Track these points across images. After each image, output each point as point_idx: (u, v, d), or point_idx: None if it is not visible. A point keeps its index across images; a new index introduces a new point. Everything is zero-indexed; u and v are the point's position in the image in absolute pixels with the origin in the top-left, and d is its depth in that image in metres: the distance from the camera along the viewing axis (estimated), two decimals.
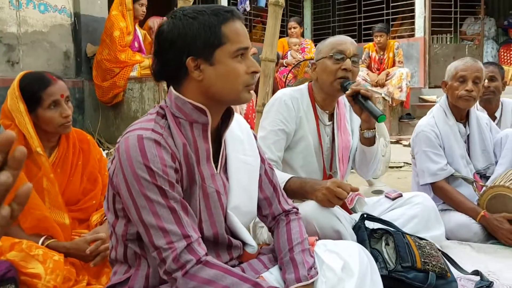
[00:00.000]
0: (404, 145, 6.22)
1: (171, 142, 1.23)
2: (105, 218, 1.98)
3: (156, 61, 1.29)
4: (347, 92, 1.94)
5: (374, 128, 2.03)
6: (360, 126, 2.04)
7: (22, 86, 1.82)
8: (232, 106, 1.38)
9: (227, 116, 1.37)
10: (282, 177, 1.89)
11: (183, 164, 1.24)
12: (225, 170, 1.38)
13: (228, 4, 8.16)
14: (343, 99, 2.21)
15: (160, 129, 1.22)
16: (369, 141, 2.04)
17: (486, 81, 3.06)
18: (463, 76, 2.58)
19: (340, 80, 2.00)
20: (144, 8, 5.44)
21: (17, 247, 1.64)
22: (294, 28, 7.13)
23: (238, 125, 1.45)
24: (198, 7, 1.28)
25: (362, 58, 7.24)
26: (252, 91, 1.35)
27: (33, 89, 1.81)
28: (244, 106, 4.72)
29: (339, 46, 2.02)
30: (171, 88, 1.31)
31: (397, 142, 6.48)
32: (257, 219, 2.02)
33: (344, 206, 2.05)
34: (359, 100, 1.90)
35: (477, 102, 3.22)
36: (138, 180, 1.16)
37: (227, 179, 1.36)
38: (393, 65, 7.06)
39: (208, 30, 1.23)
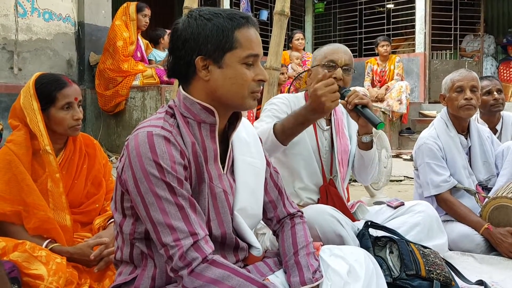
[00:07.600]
0: (405, 159, 6.22)
1: (180, 140, 1.23)
2: (108, 222, 1.98)
3: (170, 58, 1.31)
4: (343, 101, 1.92)
5: (372, 133, 2.04)
6: (358, 132, 2.05)
7: (38, 85, 1.85)
8: None
9: (234, 119, 1.38)
10: (266, 128, 1.88)
11: (192, 162, 1.24)
12: (231, 171, 1.38)
13: None
14: (339, 106, 2.22)
15: (169, 127, 1.23)
16: (366, 146, 2.06)
17: (496, 93, 3.09)
18: (461, 86, 2.62)
19: None
20: (147, 19, 5.50)
21: (21, 247, 1.63)
22: (302, 39, 7.16)
23: (244, 129, 1.46)
24: (216, 9, 1.29)
25: (366, 73, 7.28)
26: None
27: (49, 89, 1.84)
28: (245, 114, 4.73)
29: (331, 55, 2.03)
30: (180, 88, 1.32)
31: (397, 156, 6.49)
32: (259, 226, 2.02)
33: (346, 212, 2.05)
34: (358, 109, 1.89)
35: (478, 116, 3.25)
36: (147, 176, 1.16)
37: (234, 180, 1.37)
38: (393, 78, 7.11)
39: (221, 33, 1.24)
